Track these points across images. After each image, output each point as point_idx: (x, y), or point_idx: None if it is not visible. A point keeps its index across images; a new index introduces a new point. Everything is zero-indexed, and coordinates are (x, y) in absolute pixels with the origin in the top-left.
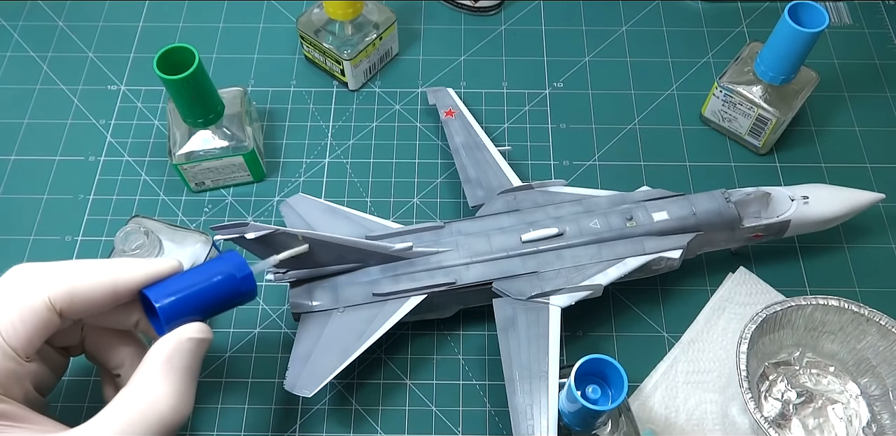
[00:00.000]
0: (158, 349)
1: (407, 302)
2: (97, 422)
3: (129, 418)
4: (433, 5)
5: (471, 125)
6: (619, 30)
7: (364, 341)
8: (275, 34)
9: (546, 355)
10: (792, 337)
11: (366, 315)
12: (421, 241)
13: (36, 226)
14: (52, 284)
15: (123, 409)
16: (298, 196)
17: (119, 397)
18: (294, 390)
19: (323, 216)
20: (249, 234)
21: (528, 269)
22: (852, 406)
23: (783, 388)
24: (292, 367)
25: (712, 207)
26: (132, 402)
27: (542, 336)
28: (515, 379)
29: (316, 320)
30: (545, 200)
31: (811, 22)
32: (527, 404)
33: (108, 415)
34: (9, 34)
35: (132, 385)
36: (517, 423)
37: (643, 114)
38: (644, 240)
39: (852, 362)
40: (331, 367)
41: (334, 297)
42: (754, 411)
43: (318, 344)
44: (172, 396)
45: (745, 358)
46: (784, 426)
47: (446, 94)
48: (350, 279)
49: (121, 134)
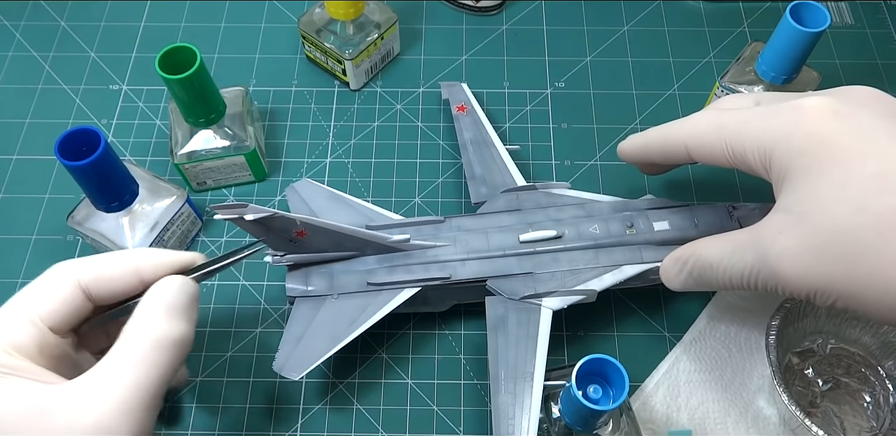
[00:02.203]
0: (149, 294)
1: (401, 293)
2: (112, 357)
3: (140, 350)
4: (435, 5)
5: (481, 122)
6: (620, 30)
7: (355, 328)
8: (276, 34)
9: (533, 356)
10: (815, 325)
11: (359, 303)
12: (420, 234)
13: (38, 225)
14: (81, 269)
15: (131, 343)
16: (304, 181)
17: (123, 334)
18: (282, 372)
19: (326, 203)
20: (248, 215)
21: (524, 269)
22: (879, 390)
23: (809, 376)
24: (282, 349)
25: (715, 221)
26: (136, 335)
27: (532, 337)
28: (501, 378)
29: (310, 305)
30: (547, 201)
31: (813, 22)
32: (509, 404)
33: (120, 350)
34: (11, 34)
35: (132, 323)
36: (498, 422)
37: (645, 114)
38: (643, 248)
39: (876, 345)
40: (320, 351)
41: (330, 283)
42: (788, 402)
43: (309, 328)
44: (171, 323)
45: (775, 350)
46: (813, 414)
47: (460, 90)
48: (346, 267)
49: (122, 134)
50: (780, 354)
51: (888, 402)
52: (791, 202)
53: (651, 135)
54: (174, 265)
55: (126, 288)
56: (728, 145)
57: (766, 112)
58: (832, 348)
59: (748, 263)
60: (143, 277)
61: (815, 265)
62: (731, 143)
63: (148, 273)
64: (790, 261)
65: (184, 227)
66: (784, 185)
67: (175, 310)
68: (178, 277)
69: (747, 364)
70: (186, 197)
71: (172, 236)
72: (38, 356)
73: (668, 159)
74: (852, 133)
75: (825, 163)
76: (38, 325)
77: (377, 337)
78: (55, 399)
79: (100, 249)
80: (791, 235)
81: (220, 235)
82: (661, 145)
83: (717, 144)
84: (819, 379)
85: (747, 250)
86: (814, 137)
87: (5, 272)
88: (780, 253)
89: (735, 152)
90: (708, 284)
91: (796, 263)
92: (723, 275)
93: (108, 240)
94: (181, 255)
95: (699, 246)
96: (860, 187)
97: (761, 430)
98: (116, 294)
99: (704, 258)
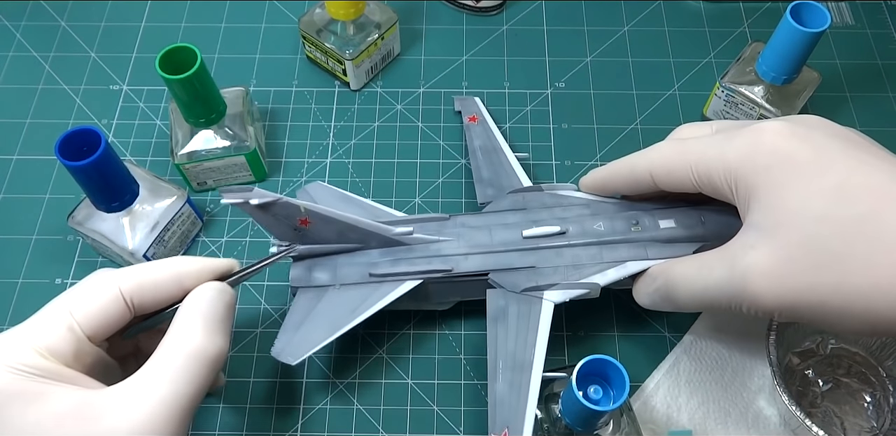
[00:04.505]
0: (186, 305)
1: (402, 285)
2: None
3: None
4: (435, 5)
5: (491, 130)
6: (620, 30)
7: (356, 317)
8: (277, 34)
9: (533, 347)
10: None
11: (361, 294)
12: (425, 230)
13: (38, 226)
14: (123, 278)
15: (170, 356)
16: (316, 183)
17: (162, 346)
18: (280, 357)
19: (337, 203)
20: (254, 199)
21: (527, 263)
22: (879, 390)
23: (809, 376)
24: (282, 335)
25: (722, 219)
26: (175, 348)
27: (532, 329)
28: (498, 367)
29: (312, 294)
30: (553, 202)
31: (813, 22)
32: (506, 393)
33: (158, 362)
34: (11, 34)
35: (171, 335)
36: (494, 411)
37: (645, 114)
38: (647, 246)
39: (876, 345)
40: (319, 338)
41: (333, 275)
42: (789, 402)
43: (310, 316)
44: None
45: (775, 350)
46: (813, 414)
47: (473, 103)
48: (350, 259)
49: (123, 134)
50: (781, 354)
51: (888, 402)
52: (759, 218)
53: (615, 167)
54: (214, 272)
55: (167, 296)
56: (693, 169)
57: (728, 136)
58: (832, 347)
59: (713, 279)
60: (184, 285)
61: (785, 276)
62: (696, 166)
63: (189, 281)
64: (759, 275)
65: (184, 227)
66: (751, 202)
67: (213, 322)
68: (216, 283)
69: (747, 364)
70: (187, 197)
71: (173, 237)
72: (73, 362)
73: (632, 189)
74: (810, 150)
75: (789, 177)
76: (76, 332)
77: (377, 337)
78: (95, 404)
79: (100, 250)
80: (761, 249)
81: (221, 235)
82: (626, 175)
83: (682, 170)
84: (819, 379)
85: (714, 267)
86: (777, 154)
87: (5, 272)
88: (748, 267)
89: (700, 175)
90: (674, 302)
91: (765, 276)
92: (686, 291)
93: (108, 240)
94: (220, 262)
95: (671, 264)
96: (822, 198)
97: (761, 430)
98: (158, 302)
99: (671, 275)
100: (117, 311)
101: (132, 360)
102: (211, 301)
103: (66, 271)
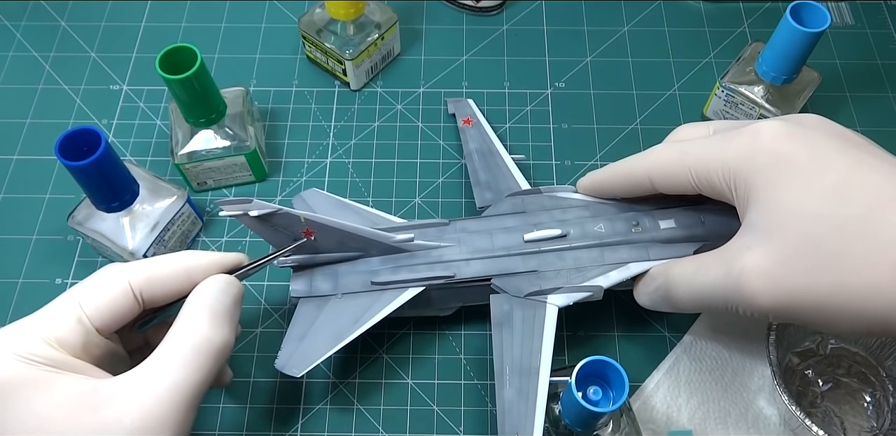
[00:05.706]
0: (193, 296)
1: (405, 293)
2: (156, 359)
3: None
4: (435, 5)
5: (486, 133)
6: (620, 30)
7: (359, 326)
8: (277, 34)
9: (539, 352)
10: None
11: (363, 303)
12: (425, 236)
13: (38, 225)
14: (133, 272)
15: (175, 346)
16: (312, 190)
17: (168, 336)
18: (284, 370)
19: (334, 210)
20: (253, 211)
21: (529, 268)
22: (879, 390)
23: (809, 376)
24: (285, 347)
25: (722, 219)
26: (181, 338)
27: (537, 334)
28: (505, 373)
29: (313, 304)
30: (553, 204)
31: (813, 22)
32: (514, 399)
33: (164, 352)
34: (11, 34)
35: (177, 326)
36: (503, 417)
37: (645, 114)
38: (649, 246)
39: (876, 345)
40: (323, 349)
41: (334, 283)
42: (789, 402)
43: (312, 327)
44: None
45: (775, 350)
46: (813, 414)
47: (466, 105)
48: (351, 268)
49: (123, 134)
50: (781, 354)
51: (888, 402)
52: (756, 218)
53: (612, 169)
54: (223, 266)
55: (177, 290)
56: (692, 171)
57: (726, 137)
58: (832, 347)
59: (711, 280)
60: (193, 279)
61: (781, 277)
62: (694, 168)
63: (199, 275)
64: (755, 276)
65: (184, 227)
66: (749, 202)
67: (219, 313)
68: (224, 275)
69: (747, 364)
70: (187, 197)
71: (173, 237)
72: (81, 353)
73: (630, 192)
74: (808, 150)
75: (787, 177)
76: (85, 324)
77: (378, 337)
78: (101, 393)
79: (100, 250)
80: (757, 250)
81: (221, 235)
82: (624, 178)
83: (680, 171)
84: (819, 379)
85: (712, 268)
86: (775, 154)
87: (5, 272)
88: (744, 268)
89: (699, 176)
90: (673, 302)
91: (761, 277)
92: (685, 292)
93: (108, 240)
94: (229, 256)
95: (670, 264)
96: (820, 198)
97: (761, 430)
98: (168, 296)
99: (671, 276)
100: (126, 304)
101: (141, 353)
102: (217, 293)
103: (67, 271)
